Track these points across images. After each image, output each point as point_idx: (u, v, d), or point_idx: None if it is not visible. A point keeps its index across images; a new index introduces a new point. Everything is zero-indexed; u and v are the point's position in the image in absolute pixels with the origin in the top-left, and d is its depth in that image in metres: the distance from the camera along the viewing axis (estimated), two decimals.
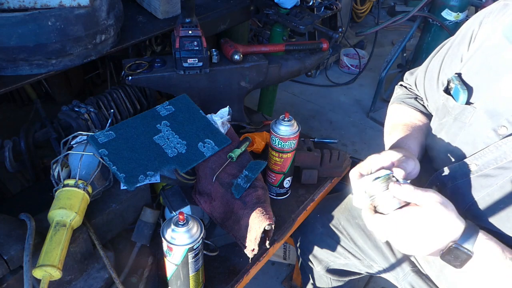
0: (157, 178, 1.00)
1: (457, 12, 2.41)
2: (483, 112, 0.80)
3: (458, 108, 0.84)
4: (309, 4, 1.59)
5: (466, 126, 0.83)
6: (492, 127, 0.78)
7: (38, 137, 1.15)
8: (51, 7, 1.00)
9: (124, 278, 0.93)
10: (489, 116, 0.79)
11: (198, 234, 0.80)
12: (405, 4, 4.66)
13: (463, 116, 0.84)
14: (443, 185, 0.89)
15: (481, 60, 0.84)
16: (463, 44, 0.91)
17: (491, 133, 0.79)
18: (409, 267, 1.10)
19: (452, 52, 0.96)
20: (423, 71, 1.07)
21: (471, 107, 0.82)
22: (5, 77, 1.02)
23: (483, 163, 0.80)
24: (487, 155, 0.79)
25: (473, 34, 0.88)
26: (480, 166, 0.80)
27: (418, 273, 1.09)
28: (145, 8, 1.41)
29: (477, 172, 0.81)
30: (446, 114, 0.88)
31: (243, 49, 1.32)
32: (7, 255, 0.77)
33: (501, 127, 0.77)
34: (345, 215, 1.21)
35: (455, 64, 0.93)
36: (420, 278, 1.08)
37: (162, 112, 1.13)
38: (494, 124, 0.78)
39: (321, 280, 1.35)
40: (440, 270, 0.76)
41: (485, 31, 0.86)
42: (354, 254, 1.20)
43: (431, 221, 0.69)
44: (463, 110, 0.84)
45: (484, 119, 0.80)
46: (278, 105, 1.96)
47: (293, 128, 1.04)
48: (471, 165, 0.82)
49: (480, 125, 0.81)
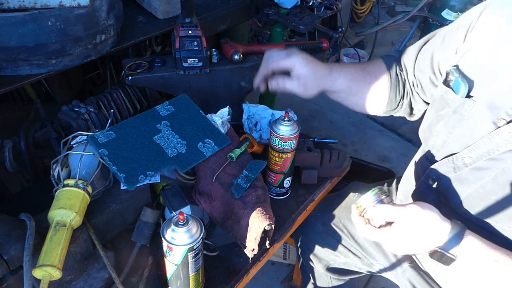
0: (157, 178, 1.00)
1: (457, 12, 2.41)
2: (483, 105, 0.81)
3: (458, 101, 0.85)
4: (309, 4, 1.59)
5: (465, 118, 0.84)
6: (492, 119, 0.79)
7: (38, 137, 1.15)
8: (51, 7, 1.00)
9: (124, 278, 0.93)
10: (489, 109, 0.79)
11: (198, 234, 0.80)
12: (405, 4, 4.65)
13: (463, 109, 0.84)
14: (438, 179, 0.90)
15: (481, 53, 0.83)
16: (459, 35, 0.90)
17: (491, 126, 0.79)
18: (408, 263, 1.11)
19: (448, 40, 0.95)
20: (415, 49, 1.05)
21: (471, 100, 0.82)
22: (5, 77, 1.02)
23: (477, 155, 0.80)
24: (480, 147, 0.80)
25: (471, 26, 0.87)
26: (473, 159, 0.81)
27: (416, 268, 1.10)
28: (145, 8, 1.41)
29: (470, 164, 0.82)
30: (445, 106, 0.89)
31: (243, 49, 1.32)
32: (7, 255, 0.77)
33: (500, 120, 0.77)
34: (345, 213, 1.21)
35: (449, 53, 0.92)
36: (418, 274, 1.09)
37: (162, 112, 1.13)
38: (493, 117, 0.78)
39: (321, 279, 1.35)
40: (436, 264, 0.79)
41: (485, 23, 0.85)
42: (354, 252, 1.20)
43: (416, 231, 0.76)
44: (463, 103, 0.84)
45: (483, 112, 0.80)
46: (278, 105, 1.96)
47: (293, 128, 1.04)
48: (465, 158, 0.83)
49: (480, 118, 0.81)
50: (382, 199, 0.81)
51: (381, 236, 0.80)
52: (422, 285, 1.07)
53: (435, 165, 0.90)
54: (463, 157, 0.83)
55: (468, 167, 0.82)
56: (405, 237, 0.78)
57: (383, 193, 0.82)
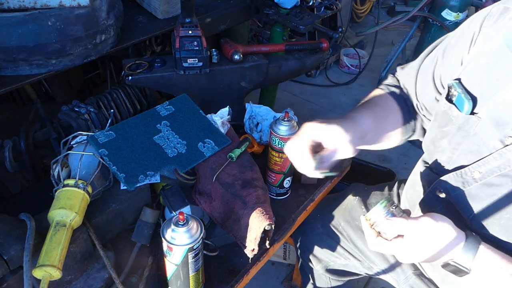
0: (157, 178, 1.00)
1: (457, 12, 2.41)
2: (488, 121, 0.77)
3: (462, 118, 0.81)
4: (309, 4, 1.59)
5: (471, 135, 0.80)
6: (499, 137, 0.76)
7: (38, 137, 1.15)
8: (51, 7, 1.00)
9: (124, 278, 0.93)
10: (495, 126, 0.76)
11: (198, 234, 0.80)
12: (405, 4, 4.65)
13: (467, 126, 0.80)
14: (446, 192, 0.87)
15: (482, 67, 0.80)
16: (463, 46, 0.87)
17: (498, 143, 0.76)
18: (411, 270, 1.09)
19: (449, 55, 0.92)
20: (414, 69, 1.01)
21: (476, 117, 0.79)
22: (5, 77, 1.02)
23: (487, 170, 0.77)
24: (491, 162, 0.77)
25: (474, 37, 0.84)
26: (483, 174, 0.78)
27: (421, 276, 1.08)
28: (145, 8, 1.41)
29: (480, 180, 0.79)
30: (449, 123, 0.85)
31: (243, 49, 1.32)
32: (7, 255, 0.77)
33: (508, 138, 0.75)
34: (345, 216, 1.21)
35: (453, 65, 0.89)
36: (422, 282, 1.07)
37: (162, 112, 1.13)
38: (500, 135, 0.76)
39: (321, 280, 1.35)
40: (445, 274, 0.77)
41: (486, 35, 0.82)
42: (354, 255, 1.20)
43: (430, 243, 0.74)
44: (467, 120, 0.80)
45: (489, 129, 0.77)
46: (278, 105, 1.96)
47: (293, 128, 1.04)
48: (475, 172, 0.80)
49: (486, 135, 0.78)
50: (393, 212, 0.79)
51: (394, 249, 0.78)
52: None
53: (443, 178, 0.87)
54: (472, 172, 0.80)
55: (478, 183, 0.80)
56: (419, 250, 0.76)
57: (391, 204, 0.80)
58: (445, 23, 2.44)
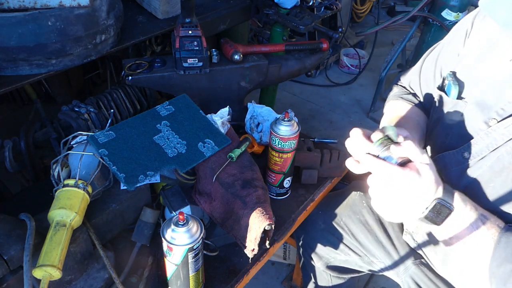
0: (157, 178, 1.00)
1: (457, 12, 2.41)
2: (474, 105, 0.85)
3: (451, 103, 0.90)
4: (309, 4, 1.59)
5: (459, 118, 0.87)
6: (483, 119, 0.83)
7: (38, 137, 1.15)
8: (51, 7, 1.00)
9: (124, 278, 0.93)
10: (480, 109, 0.83)
11: (198, 234, 0.80)
12: (405, 4, 4.65)
13: (456, 109, 0.88)
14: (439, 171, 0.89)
15: (473, 57, 0.88)
16: (458, 42, 0.95)
17: (483, 125, 0.83)
18: (411, 261, 1.11)
19: (447, 50, 1.00)
20: (417, 74, 1.10)
21: (463, 101, 0.87)
22: (5, 77, 1.02)
23: (476, 150, 0.84)
24: (479, 142, 0.83)
25: (467, 32, 0.93)
26: (473, 154, 0.85)
27: (420, 265, 1.09)
28: (145, 8, 1.41)
29: (470, 159, 0.85)
30: (441, 109, 0.93)
31: (243, 49, 1.32)
32: (7, 255, 0.77)
33: (491, 120, 0.81)
34: (346, 211, 1.22)
35: (451, 59, 0.96)
36: (422, 271, 1.09)
37: (162, 112, 1.13)
38: (485, 117, 0.83)
39: (321, 277, 1.36)
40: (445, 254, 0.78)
41: (477, 30, 0.90)
42: (354, 250, 1.21)
43: (421, 181, 0.73)
44: (455, 104, 0.88)
45: (475, 112, 0.84)
46: (278, 105, 1.96)
47: (293, 128, 1.04)
48: (465, 153, 0.86)
49: (472, 118, 0.85)
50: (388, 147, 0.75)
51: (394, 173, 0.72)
52: (425, 282, 1.07)
53: (435, 159, 0.92)
54: (463, 152, 0.86)
55: (467, 162, 0.86)
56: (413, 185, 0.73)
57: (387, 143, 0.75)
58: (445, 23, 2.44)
